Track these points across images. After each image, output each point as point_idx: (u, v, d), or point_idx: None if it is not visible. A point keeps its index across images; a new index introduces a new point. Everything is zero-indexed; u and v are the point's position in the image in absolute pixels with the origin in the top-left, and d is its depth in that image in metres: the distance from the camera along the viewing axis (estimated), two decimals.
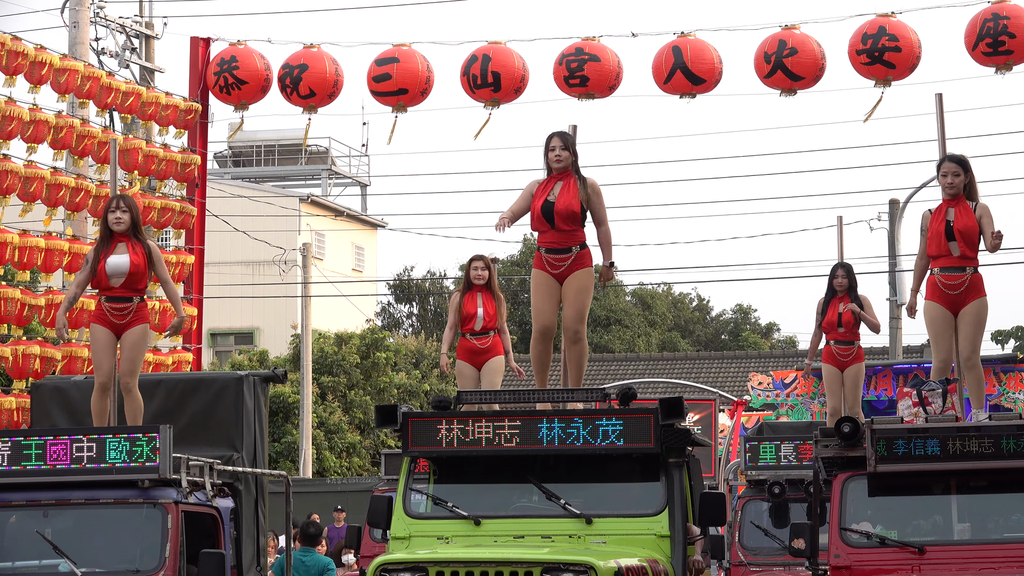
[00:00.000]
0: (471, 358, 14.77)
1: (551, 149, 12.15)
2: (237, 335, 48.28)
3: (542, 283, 12.14)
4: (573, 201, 12.02)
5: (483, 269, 14.88)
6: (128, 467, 11.25)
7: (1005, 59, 18.91)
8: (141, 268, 12.24)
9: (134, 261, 12.20)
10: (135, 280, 12.25)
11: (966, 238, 11.78)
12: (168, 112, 20.17)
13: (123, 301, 12.24)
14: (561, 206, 12.01)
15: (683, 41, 19.68)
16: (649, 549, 10.87)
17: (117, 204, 12.34)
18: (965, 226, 11.78)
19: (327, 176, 52.64)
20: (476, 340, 14.76)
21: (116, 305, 12.24)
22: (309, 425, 35.19)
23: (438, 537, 11.05)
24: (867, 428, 10.84)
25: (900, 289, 33.88)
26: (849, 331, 16.05)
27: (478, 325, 14.73)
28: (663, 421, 10.95)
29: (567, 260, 12.10)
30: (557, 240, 12.11)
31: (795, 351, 45.74)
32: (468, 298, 14.84)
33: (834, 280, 16.11)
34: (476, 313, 14.74)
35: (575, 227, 12.12)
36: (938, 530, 11.05)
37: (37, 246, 17.82)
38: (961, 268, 11.84)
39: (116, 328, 12.24)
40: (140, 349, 12.33)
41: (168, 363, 19.73)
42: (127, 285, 12.23)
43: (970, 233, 11.79)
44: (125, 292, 12.24)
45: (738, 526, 16.88)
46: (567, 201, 12.02)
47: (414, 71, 19.96)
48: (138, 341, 12.30)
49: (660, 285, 60.54)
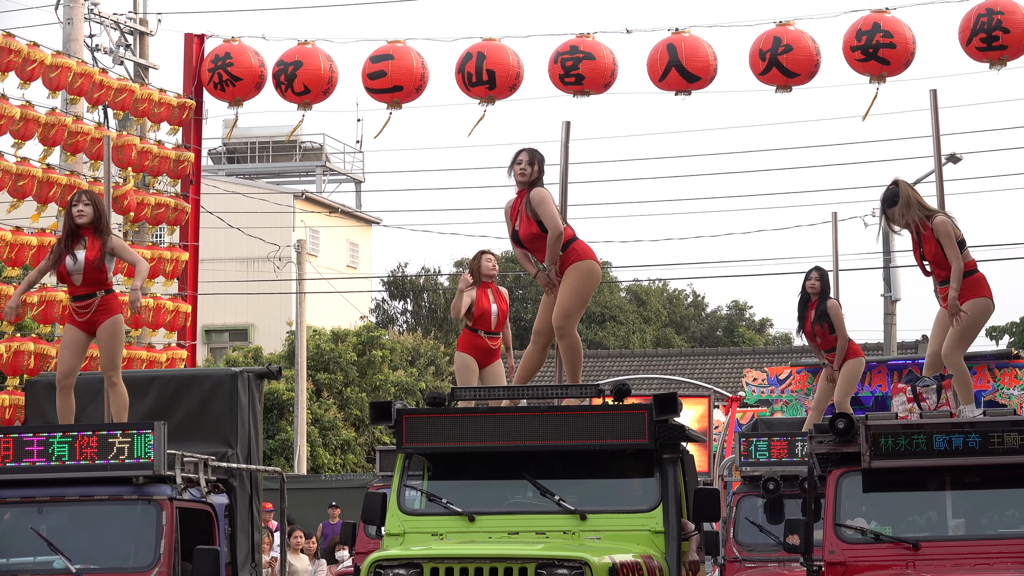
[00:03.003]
0: (478, 355, 14.10)
1: (517, 163, 12.12)
2: (232, 332, 48.28)
3: None
4: (530, 223, 12.02)
5: (493, 262, 14.45)
6: (123, 463, 11.25)
7: (999, 54, 18.92)
8: (95, 262, 12.23)
9: (87, 257, 12.23)
10: (92, 275, 12.25)
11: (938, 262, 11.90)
12: (161, 109, 20.16)
13: (86, 298, 12.29)
14: (523, 232, 12.05)
15: (678, 38, 19.68)
16: (643, 545, 10.87)
17: (79, 198, 12.41)
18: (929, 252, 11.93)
19: (322, 172, 52.63)
20: (489, 339, 14.12)
21: (79, 303, 12.32)
22: (304, 422, 35.19)
23: (433, 533, 11.06)
24: (861, 424, 10.85)
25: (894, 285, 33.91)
26: (824, 340, 15.93)
27: (494, 323, 14.11)
28: (657, 417, 10.95)
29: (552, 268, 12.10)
30: (538, 256, 12.14)
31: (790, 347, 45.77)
32: (481, 295, 14.20)
33: (806, 282, 15.98)
34: (490, 309, 14.10)
35: (543, 241, 12.07)
36: (933, 526, 11.06)
37: (29, 243, 17.81)
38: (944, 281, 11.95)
39: (85, 326, 12.27)
40: (116, 341, 12.31)
41: (162, 360, 19.72)
42: (87, 281, 12.26)
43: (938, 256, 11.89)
44: (87, 289, 12.28)
45: (733, 522, 16.87)
46: (525, 227, 12.03)
47: (409, 68, 19.95)
48: (111, 334, 12.29)
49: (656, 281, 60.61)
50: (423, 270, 57.91)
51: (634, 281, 59.88)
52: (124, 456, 11.26)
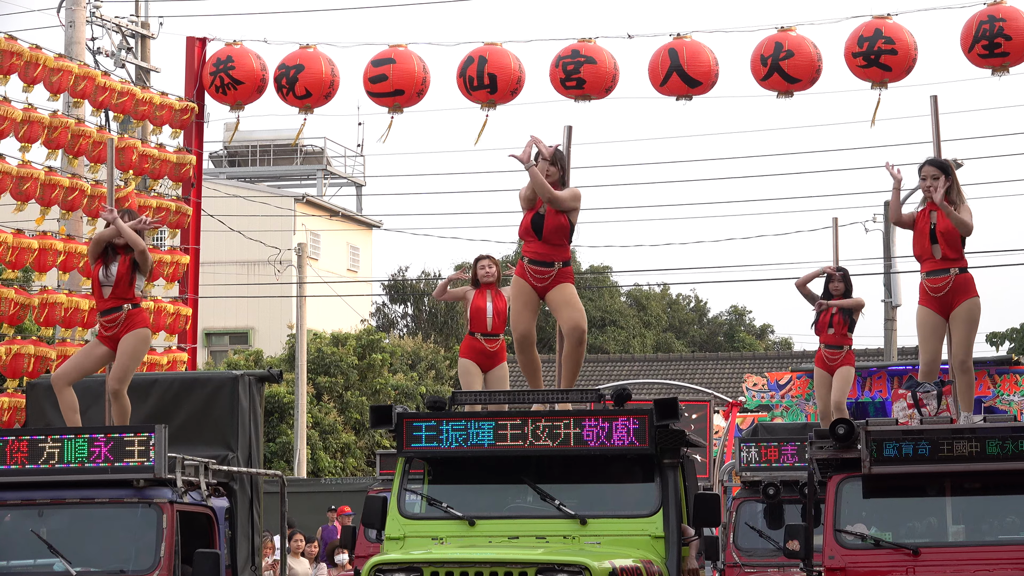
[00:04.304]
0: (479, 359, 14.11)
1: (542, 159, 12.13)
2: (232, 335, 48.24)
3: (521, 292, 12.10)
4: (562, 217, 12.02)
5: (491, 267, 14.49)
6: (123, 467, 11.27)
7: (1001, 61, 18.92)
8: (126, 277, 12.33)
9: (119, 271, 12.32)
10: (121, 289, 12.33)
11: (948, 240, 11.78)
12: (163, 112, 20.16)
13: (112, 312, 12.32)
14: (551, 220, 12.01)
15: (679, 43, 19.69)
16: (643, 550, 10.88)
17: None
18: (947, 228, 11.79)
19: (323, 176, 52.61)
20: (486, 342, 14.11)
21: (106, 318, 12.36)
22: (304, 425, 35.18)
23: (433, 537, 11.06)
24: (862, 430, 10.85)
25: (895, 291, 33.91)
26: (839, 333, 16.07)
27: (489, 325, 14.12)
28: (658, 422, 10.96)
29: (549, 274, 12.08)
30: (543, 252, 12.08)
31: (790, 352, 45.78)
32: (477, 296, 14.26)
33: (830, 284, 16.18)
34: (485, 308, 14.13)
35: (563, 242, 12.10)
36: (933, 532, 11.06)
37: (30, 247, 17.81)
38: (944, 270, 11.83)
39: (111, 342, 12.29)
40: (133, 357, 12.32)
41: (163, 363, 19.72)
42: (114, 295, 12.33)
43: (952, 235, 11.79)
44: (114, 302, 12.33)
45: (733, 527, 16.89)
46: (557, 217, 12.02)
47: (410, 72, 19.96)
48: (131, 348, 12.30)
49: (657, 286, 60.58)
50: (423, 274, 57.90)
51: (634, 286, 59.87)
52: (125, 459, 11.26)
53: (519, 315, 12.10)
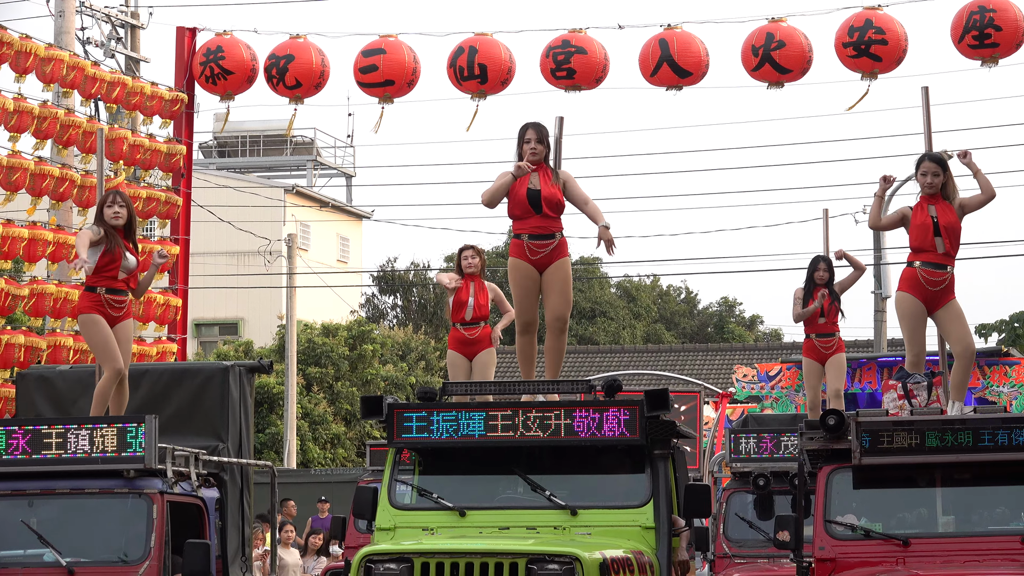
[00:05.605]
0: (462, 348, 14.54)
1: (526, 141, 12.11)
2: (222, 325, 48.22)
3: (523, 275, 12.06)
4: (556, 190, 12.04)
5: (474, 257, 14.74)
6: (114, 457, 11.26)
7: (991, 52, 18.95)
8: (136, 274, 12.47)
9: (140, 261, 12.50)
10: (132, 278, 12.43)
11: (951, 235, 11.80)
12: (153, 102, 20.14)
13: (122, 294, 12.35)
14: (547, 194, 12.01)
15: (670, 34, 19.70)
16: (634, 541, 10.89)
17: (114, 199, 12.35)
18: (949, 222, 11.80)
19: (312, 167, 52.57)
20: (466, 330, 14.50)
21: (116, 297, 12.30)
22: (293, 416, 35.18)
23: (423, 528, 11.06)
24: (852, 421, 10.86)
25: (885, 282, 33.92)
26: (830, 321, 16.12)
27: (468, 315, 14.48)
28: (648, 413, 10.97)
29: (550, 246, 12.07)
30: (542, 225, 12.07)
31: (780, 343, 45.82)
32: (463, 286, 14.61)
33: (815, 273, 16.17)
34: (467, 302, 14.51)
35: (558, 215, 12.13)
36: (923, 523, 11.08)
37: (20, 237, 17.79)
38: (944, 266, 11.85)
39: (110, 320, 12.28)
40: (131, 343, 12.59)
41: (152, 353, 19.71)
42: (127, 281, 12.36)
43: (954, 230, 11.82)
44: (124, 286, 12.35)
45: (723, 518, 16.89)
46: (551, 190, 12.03)
47: (400, 62, 19.95)
48: (131, 335, 12.57)
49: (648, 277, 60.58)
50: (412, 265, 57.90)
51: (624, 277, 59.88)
52: (115, 450, 11.26)
53: (524, 303, 12.10)
